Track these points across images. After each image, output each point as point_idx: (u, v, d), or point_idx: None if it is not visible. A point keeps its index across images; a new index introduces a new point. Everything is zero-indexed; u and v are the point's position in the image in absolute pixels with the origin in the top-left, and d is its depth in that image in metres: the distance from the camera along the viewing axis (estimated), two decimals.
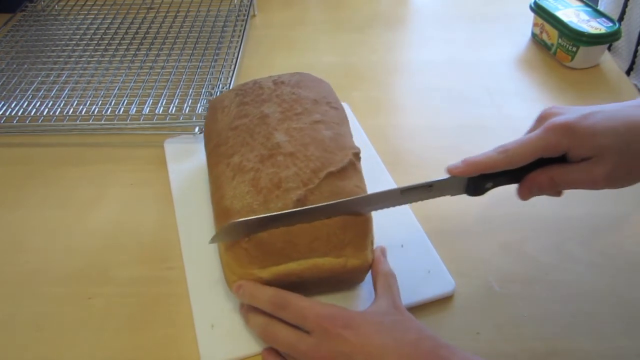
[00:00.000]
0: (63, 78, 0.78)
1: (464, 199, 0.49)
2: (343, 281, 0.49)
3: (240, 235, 0.45)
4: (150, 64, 0.80)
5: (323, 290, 0.49)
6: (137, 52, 0.83)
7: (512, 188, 0.48)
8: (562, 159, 0.45)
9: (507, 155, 0.44)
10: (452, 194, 0.48)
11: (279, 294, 0.44)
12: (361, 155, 0.51)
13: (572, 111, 0.45)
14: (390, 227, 0.48)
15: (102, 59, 0.82)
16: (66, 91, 0.75)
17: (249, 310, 0.46)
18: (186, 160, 0.65)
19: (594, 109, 0.44)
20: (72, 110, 0.72)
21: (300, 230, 0.45)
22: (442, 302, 0.50)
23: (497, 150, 0.45)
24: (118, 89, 0.75)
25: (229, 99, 0.57)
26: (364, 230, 0.46)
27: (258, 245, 0.45)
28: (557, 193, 0.47)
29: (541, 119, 0.46)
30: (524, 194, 0.47)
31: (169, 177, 0.63)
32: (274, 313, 0.44)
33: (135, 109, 0.71)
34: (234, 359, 0.46)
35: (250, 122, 0.52)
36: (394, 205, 0.48)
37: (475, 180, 0.47)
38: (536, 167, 0.45)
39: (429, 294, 0.50)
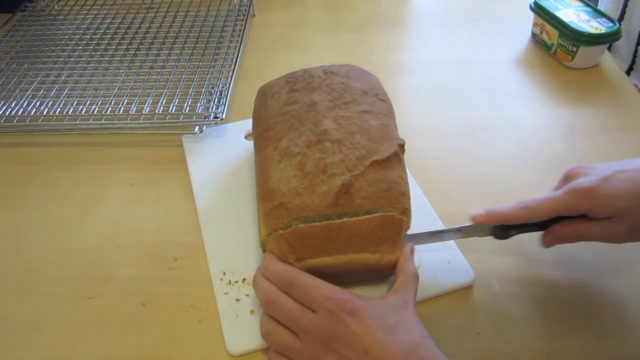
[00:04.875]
0: (63, 78, 0.78)
1: (463, 200, 0.50)
2: (376, 274, 0.50)
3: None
4: (150, 64, 0.80)
5: (354, 280, 0.50)
6: (137, 52, 0.83)
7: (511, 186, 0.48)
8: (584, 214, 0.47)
9: (528, 212, 0.47)
10: (480, 236, 0.51)
11: (290, 272, 0.44)
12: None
13: (595, 172, 0.47)
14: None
15: (102, 58, 0.82)
16: (66, 91, 0.75)
17: (260, 275, 0.46)
18: (203, 156, 0.66)
19: (616, 168, 0.47)
20: (72, 110, 0.72)
21: (340, 228, 0.45)
22: (442, 302, 0.50)
23: (519, 205, 0.48)
24: (118, 88, 0.75)
25: (278, 86, 0.58)
26: (400, 227, 0.47)
27: (298, 238, 0.45)
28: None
29: (566, 178, 0.49)
30: (547, 243, 0.50)
31: (189, 172, 0.64)
32: (282, 289, 0.44)
33: (135, 108, 0.71)
34: (259, 347, 0.47)
35: (300, 108, 0.53)
36: (425, 243, 0.51)
37: (501, 227, 0.50)
38: (560, 218, 0.48)
39: (450, 283, 0.51)
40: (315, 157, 0.48)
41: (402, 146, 0.51)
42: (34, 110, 0.72)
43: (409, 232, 0.49)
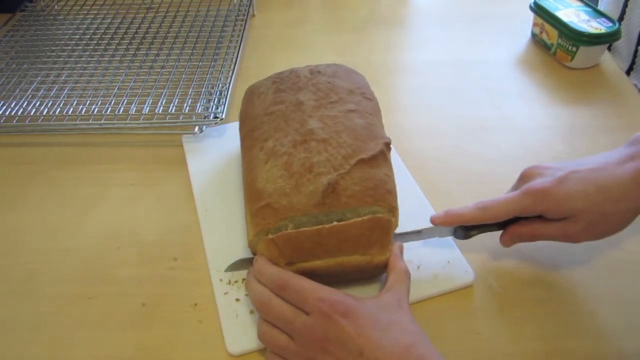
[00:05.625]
0: (63, 78, 0.78)
1: (463, 200, 0.50)
2: (367, 273, 0.50)
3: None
4: (150, 64, 0.80)
5: (346, 280, 0.50)
6: (136, 52, 0.83)
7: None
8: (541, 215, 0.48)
9: (485, 212, 0.48)
10: (441, 237, 0.52)
11: (282, 274, 0.44)
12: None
13: (550, 173, 0.48)
14: (408, 217, 0.49)
15: (102, 58, 0.82)
16: (66, 91, 0.75)
17: (253, 278, 0.46)
18: (202, 156, 0.66)
19: (570, 168, 0.47)
20: (71, 110, 0.72)
21: (330, 232, 0.45)
22: (442, 302, 0.50)
23: (476, 206, 0.49)
24: (118, 88, 0.75)
25: (265, 86, 0.58)
26: (390, 228, 0.47)
27: (288, 242, 0.45)
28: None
29: (522, 178, 0.50)
30: (506, 243, 0.51)
31: (189, 172, 0.64)
32: (275, 291, 0.44)
33: (135, 108, 0.71)
34: (259, 347, 0.47)
35: (286, 108, 0.53)
36: None
37: (461, 227, 0.51)
38: (518, 218, 0.49)
39: (450, 284, 0.51)
40: (301, 156, 0.48)
41: (388, 145, 0.51)
42: (34, 110, 0.72)
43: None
